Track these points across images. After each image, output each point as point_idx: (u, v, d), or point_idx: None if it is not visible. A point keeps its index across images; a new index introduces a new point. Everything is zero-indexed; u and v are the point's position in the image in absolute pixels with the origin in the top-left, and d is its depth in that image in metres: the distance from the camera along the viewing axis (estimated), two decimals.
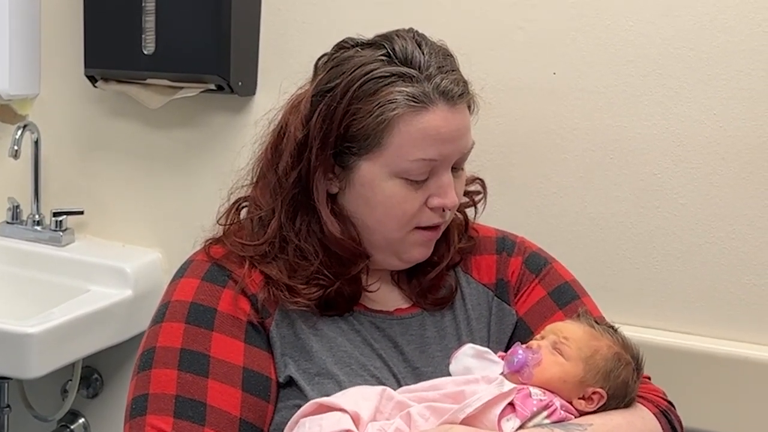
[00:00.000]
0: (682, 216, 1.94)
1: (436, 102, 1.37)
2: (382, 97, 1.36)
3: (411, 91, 1.36)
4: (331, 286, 1.44)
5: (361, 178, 1.41)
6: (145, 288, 2.29)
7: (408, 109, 1.36)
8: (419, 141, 1.37)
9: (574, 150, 1.99)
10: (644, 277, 1.98)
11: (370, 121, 1.37)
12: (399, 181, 1.40)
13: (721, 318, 1.94)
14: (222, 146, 2.28)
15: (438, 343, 1.50)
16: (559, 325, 1.44)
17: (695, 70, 1.89)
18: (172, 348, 1.37)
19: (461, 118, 1.41)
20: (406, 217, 1.42)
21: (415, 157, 1.38)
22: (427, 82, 1.37)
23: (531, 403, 1.31)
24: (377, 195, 1.41)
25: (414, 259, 1.49)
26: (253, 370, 1.38)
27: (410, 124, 1.37)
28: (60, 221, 2.41)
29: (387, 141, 1.38)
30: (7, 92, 2.40)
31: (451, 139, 1.40)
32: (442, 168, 1.41)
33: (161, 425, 1.32)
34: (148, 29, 2.20)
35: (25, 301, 2.32)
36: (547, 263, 1.62)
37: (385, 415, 1.31)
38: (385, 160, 1.39)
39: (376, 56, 1.39)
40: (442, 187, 1.42)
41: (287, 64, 2.17)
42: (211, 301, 1.41)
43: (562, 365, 1.36)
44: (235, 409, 1.35)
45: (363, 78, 1.37)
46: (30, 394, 2.47)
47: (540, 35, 1.99)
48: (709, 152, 1.90)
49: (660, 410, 1.45)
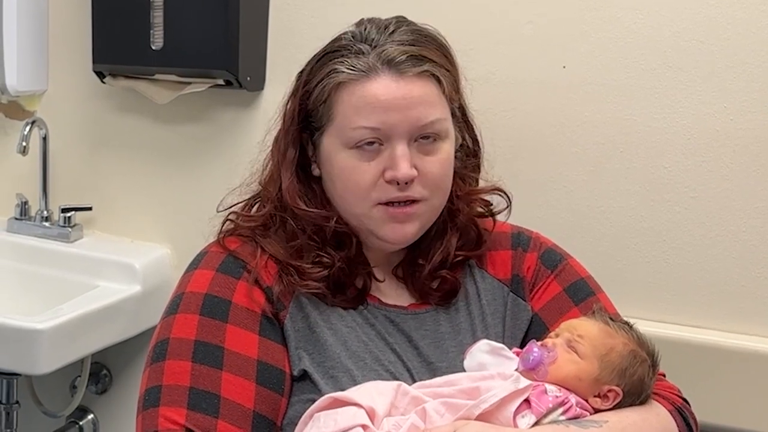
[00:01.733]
0: (693, 209, 1.93)
1: (379, 71, 1.40)
2: (329, 69, 1.42)
3: (353, 62, 1.41)
4: (333, 265, 1.45)
5: (325, 154, 1.45)
6: (153, 284, 2.29)
7: (349, 77, 1.40)
8: (360, 108, 1.40)
9: (584, 144, 1.99)
10: (655, 271, 1.98)
11: (318, 93, 1.43)
12: (351, 151, 1.42)
13: (733, 312, 1.93)
14: (230, 141, 2.28)
15: (452, 338, 1.50)
16: (574, 322, 1.43)
17: (706, 63, 1.88)
18: (186, 339, 1.37)
19: (411, 87, 1.40)
20: (360, 190, 1.42)
21: (357, 124, 1.40)
22: (373, 53, 1.41)
23: (546, 399, 1.31)
24: (335, 168, 1.44)
25: (389, 238, 1.45)
26: (267, 362, 1.38)
27: (352, 93, 1.40)
28: (68, 217, 2.41)
29: (334, 111, 1.42)
30: (15, 88, 2.40)
31: (396, 108, 1.39)
32: (394, 139, 1.40)
33: (174, 417, 1.32)
34: (156, 25, 2.19)
35: (33, 298, 2.32)
36: (563, 259, 1.61)
37: (400, 411, 1.31)
38: (334, 130, 1.43)
39: (343, 36, 1.46)
40: (393, 159, 1.40)
41: (296, 59, 2.12)
42: (225, 293, 1.41)
43: (577, 363, 1.35)
44: (248, 402, 1.35)
45: (320, 54, 1.45)
46: (39, 390, 2.47)
47: (549, 29, 1.98)
48: (720, 145, 1.89)
49: (675, 408, 1.44)
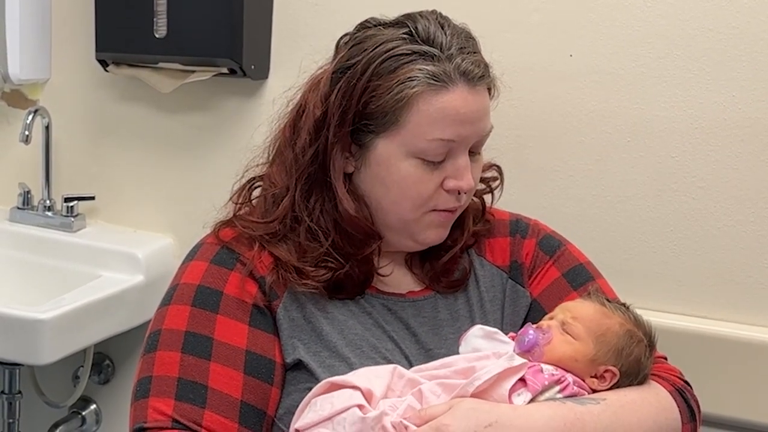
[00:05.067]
0: (701, 199, 1.92)
1: (457, 82, 1.37)
2: (402, 75, 1.36)
3: (432, 69, 1.36)
4: (340, 268, 1.44)
5: (378, 157, 1.41)
6: (156, 273, 2.28)
7: (428, 87, 1.36)
8: (438, 120, 1.37)
9: (590, 133, 1.98)
10: (662, 261, 1.97)
11: (389, 98, 1.36)
12: (415, 161, 1.39)
13: (741, 302, 1.92)
14: (235, 130, 2.27)
15: (451, 325, 1.50)
16: (569, 304, 1.44)
17: (714, 51, 1.87)
18: (177, 330, 1.39)
19: (481, 100, 1.41)
20: (421, 199, 1.42)
21: (433, 136, 1.37)
22: (448, 62, 1.37)
23: (542, 377, 1.31)
24: (393, 174, 1.41)
25: (429, 241, 1.48)
26: (255, 353, 1.39)
27: (429, 103, 1.36)
28: (71, 207, 2.40)
29: (405, 119, 1.37)
30: (17, 77, 2.39)
31: (470, 121, 1.39)
32: (460, 150, 1.41)
33: (162, 407, 1.33)
34: (159, 12, 2.18)
35: (36, 287, 2.32)
36: (561, 245, 1.62)
37: (397, 393, 1.31)
38: (402, 138, 1.38)
39: (398, 35, 1.39)
40: (458, 170, 1.41)
41: (300, 48, 2.15)
42: (218, 284, 1.42)
43: (572, 344, 1.36)
44: (236, 392, 1.36)
45: (384, 55, 1.37)
46: (41, 380, 2.46)
47: (556, 17, 1.97)
48: (728, 135, 1.88)
49: (676, 389, 1.44)
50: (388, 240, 1.48)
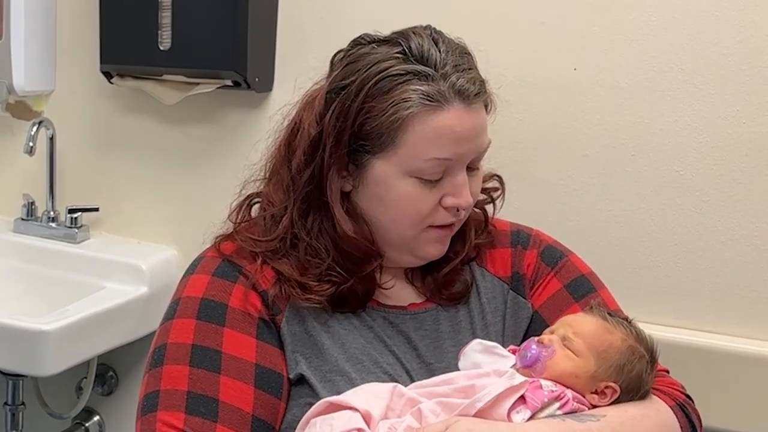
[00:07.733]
0: (705, 213, 1.91)
1: (452, 101, 1.36)
2: (397, 96, 1.35)
3: (426, 89, 1.35)
4: (344, 283, 1.43)
5: (375, 177, 1.40)
6: (160, 285, 2.28)
7: (422, 108, 1.35)
8: (434, 140, 1.36)
9: (594, 146, 1.97)
10: (666, 275, 1.96)
11: (384, 119, 1.35)
12: (413, 180, 1.39)
13: (745, 316, 1.91)
14: (238, 143, 2.27)
15: (452, 338, 1.49)
16: (571, 318, 1.43)
17: (718, 65, 1.87)
18: (183, 344, 1.37)
19: (477, 117, 1.39)
20: (419, 216, 1.41)
21: (429, 156, 1.36)
22: (443, 81, 1.36)
23: (542, 394, 1.30)
24: (391, 194, 1.40)
25: (429, 256, 1.48)
26: (265, 366, 1.38)
27: (425, 123, 1.35)
28: (75, 218, 2.40)
29: (401, 140, 1.36)
30: (22, 88, 2.40)
31: (467, 139, 1.38)
32: (457, 167, 1.40)
33: (172, 421, 1.31)
34: (164, 25, 2.18)
35: (39, 299, 2.31)
36: (564, 256, 1.60)
37: (396, 413, 1.31)
38: (398, 159, 1.37)
39: (391, 53, 1.38)
40: (456, 187, 1.41)
41: (304, 60, 2.16)
42: (222, 297, 1.41)
43: (573, 360, 1.35)
44: (247, 406, 1.34)
45: (378, 76, 1.36)
46: (45, 391, 2.46)
47: (560, 30, 1.97)
48: (732, 149, 1.88)
49: (677, 403, 1.43)
50: (389, 256, 1.48)
